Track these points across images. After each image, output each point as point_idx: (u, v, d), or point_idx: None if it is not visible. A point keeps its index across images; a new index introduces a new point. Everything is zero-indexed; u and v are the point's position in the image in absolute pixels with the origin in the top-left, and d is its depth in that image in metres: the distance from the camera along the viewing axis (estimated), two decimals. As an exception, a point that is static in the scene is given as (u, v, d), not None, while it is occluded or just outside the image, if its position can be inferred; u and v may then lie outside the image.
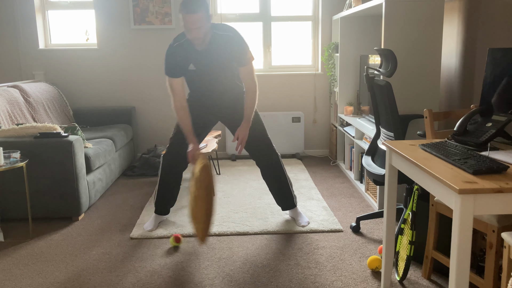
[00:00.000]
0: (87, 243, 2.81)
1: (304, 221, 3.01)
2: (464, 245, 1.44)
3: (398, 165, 1.95)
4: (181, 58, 2.69)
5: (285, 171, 3.03)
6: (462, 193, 1.39)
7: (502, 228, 1.84)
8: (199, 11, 2.45)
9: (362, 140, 3.69)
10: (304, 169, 4.43)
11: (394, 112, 2.40)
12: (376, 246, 2.69)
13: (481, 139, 1.82)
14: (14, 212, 3.12)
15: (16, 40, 4.73)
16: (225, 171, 4.39)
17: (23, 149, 3.01)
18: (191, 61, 2.71)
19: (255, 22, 4.90)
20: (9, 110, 3.49)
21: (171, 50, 2.69)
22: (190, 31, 2.51)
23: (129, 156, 4.54)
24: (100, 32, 4.75)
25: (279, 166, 2.98)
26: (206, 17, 2.50)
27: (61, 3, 4.81)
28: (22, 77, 4.79)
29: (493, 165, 1.52)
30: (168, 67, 2.70)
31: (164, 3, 4.65)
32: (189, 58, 2.70)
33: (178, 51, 2.68)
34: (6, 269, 2.49)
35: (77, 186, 3.12)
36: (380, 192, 3.18)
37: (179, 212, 3.27)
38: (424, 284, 2.26)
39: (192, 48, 2.66)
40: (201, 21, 2.47)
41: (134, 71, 4.82)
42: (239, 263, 2.51)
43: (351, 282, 2.29)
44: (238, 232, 2.91)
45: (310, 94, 4.95)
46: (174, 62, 2.68)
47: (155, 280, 2.34)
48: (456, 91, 3.28)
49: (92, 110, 4.67)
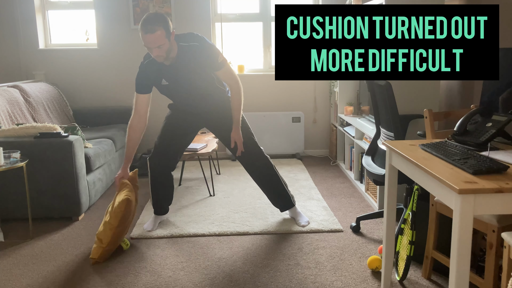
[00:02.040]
0: (87, 243, 2.81)
1: (304, 221, 3.00)
2: (464, 245, 1.43)
3: (398, 165, 1.95)
4: (152, 74, 2.69)
5: (277, 172, 2.99)
6: (462, 193, 1.39)
7: (502, 228, 1.84)
8: (157, 30, 2.42)
9: (362, 140, 3.69)
10: (304, 169, 4.43)
11: (394, 112, 2.40)
12: (376, 246, 2.69)
13: (481, 139, 1.82)
14: (14, 212, 3.12)
15: (16, 40, 4.73)
16: (225, 171, 4.39)
17: (23, 149, 3.01)
18: (163, 77, 2.71)
19: (255, 22, 4.90)
20: (9, 110, 3.49)
21: (141, 67, 2.69)
22: (151, 50, 2.50)
23: (129, 156, 4.53)
24: (100, 32, 4.75)
25: (270, 168, 2.95)
26: (166, 34, 2.47)
27: (61, 3, 4.81)
28: (22, 77, 4.79)
29: (493, 165, 1.52)
30: (137, 83, 2.71)
31: (164, 3, 4.65)
32: (160, 74, 2.70)
33: (148, 68, 2.68)
34: (6, 269, 2.49)
35: (77, 186, 3.12)
36: (380, 192, 3.18)
37: (179, 212, 3.27)
38: (424, 284, 2.26)
39: (162, 63, 2.65)
40: (161, 39, 2.44)
41: (134, 71, 4.82)
42: (239, 263, 2.51)
43: (351, 282, 2.29)
44: (238, 232, 2.91)
45: (310, 94, 4.95)
46: (143, 79, 2.69)
47: (155, 280, 2.34)
48: (456, 91, 3.28)
49: (92, 110, 4.67)
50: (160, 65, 2.66)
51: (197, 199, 3.56)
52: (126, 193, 2.63)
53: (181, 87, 2.75)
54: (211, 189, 3.80)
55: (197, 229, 2.95)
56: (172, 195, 3.07)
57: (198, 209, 3.33)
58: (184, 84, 2.74)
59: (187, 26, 4.72)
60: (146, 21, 2.43)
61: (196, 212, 3.28)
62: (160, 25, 2.43)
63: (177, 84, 2.73)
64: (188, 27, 4.72)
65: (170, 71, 2.68)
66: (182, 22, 4.72)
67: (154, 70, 2.68)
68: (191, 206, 3.40)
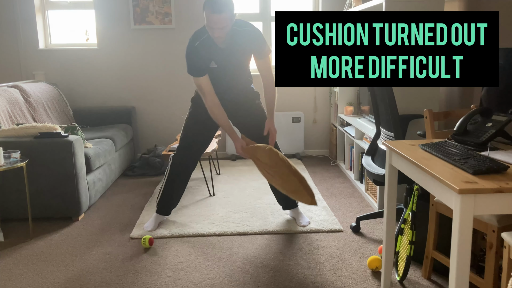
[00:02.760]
0: (87, 243, 2.81)
1: (305, 221, 3.01)
2: (464, 245, 1.43)
3: (398, 165, 1.95)
4: (203, 56, 2.64)
5: None
6: (462, 193, 1.39)
7: (502, 228, 1.84)
8: (225, 11, 2.41)
9: (362, 140, 3.69)
10: (304, 169, 4.43)
11: (394, 112, 2.40)
12: (376, 246, 2.69)
13: (481, 139, 1.82)
14: (14, 212, 3.12)
15: (16, 40, 4.73)
16: (225, 171, 4.39)
17: (23, 149, 3.01)
18: (213, 59, 2.67)
19: (255, 22, 4.90)
20: (9, 110, 3.49)
21: (192, 48, 2.62)
22: (213, 31, 2.49)
23: (129, 156, 4.54)
24: (100, 32, 4.75)
25: None
26: (231, 17, 2.48)
27: (61, 3, 4.81)
28: (22, 77, 4.79)
29: (493, 165, 1.52)
30: (192, 66, 2.63)
31: (164, 3, 4.65)
32: (211, 56, 2.65)
33: (200, 49, 2.62)
34: (6, 269, 2.49)
35: (77, 186, 3.12)
36: (380, 192, 3.18)
37: (179, 212, 3.27)
38: (424, 284, 2.26)
39: (214, 45, 2.63)
40: (226, 21, 2.45)
41: (134, 71, 4.82)
42: (239, 263, 2.51)
43: (351, 282, 2.29)
44: (238, 232, 2.91)
45: (310, 94, 4.95)
46: (197, 61, 2.62)
47: (155, 280, 2.34)
48: (456, 91, 3.28)
49: (92, 110, 4.67)
50: (211, 47, 2.63)
51: (197, 199, 3.57)
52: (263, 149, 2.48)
53: (229, 71, 2.74)
54: (211, 189, 3.80)
55: (197, 229, 2.95)
56: (180, 197, 3.06)
57: (198, 209, 3.33)
58: (232, 69, 2.74)
59: (187, 26, 4.72)
60: (215, 1, 2.41)
61: (196, 212, 3.28)
62: (228, 6, 2.43)
63: (225, 68, 2.72)
64: (188, 27, 4.72)
65: (223, 53, 2.66)
66: (182, 22, 4.72)
67: (205, 52, 2.64)
68: (191, 206, 3.40)
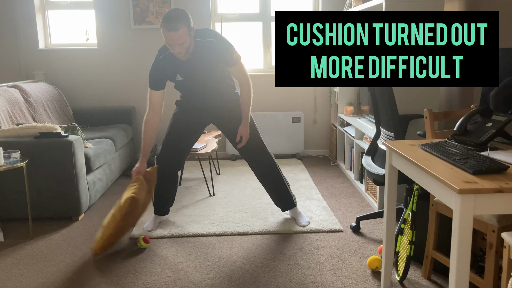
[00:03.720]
0: (87, 243, 2.81)
1: (305, 221, 3.00)
2: (464, 245, 1.44)
3: (398, 165, 1.95)
4: (167, 70, 2.68)
5: (280, 171, 3.00)
6: (462, 193, 1.39)
7: (502, 228, 1.84)
8: (180, 27, 2.42)
9: (362, 140, 3.69)
10: (304, 169, 4.43)
11: (394, 112, 2.40)
12: (376, 246, 2.69)
13: (481, 139, 1.83)
14: (14, 212, 3.12)
15: (16, 40, 4.73)
16: (225, 171, 4.39)
17: (23, 149, 3.01)
18: (178, 72, 2.71)
19: (255, 22, 4.90)
20: (9, 110, 3.49)
21: (156, 62, 2.68)
22: (173, 47, 2.49)
23: (129, 156, 4.54)
24: (100, 32, 4.75)
25: (273, 166, 2.97)
26: (188, 31, 2.47)
27: (61, 3, 4.81)
28: (22, 77, 4.79)
29: (493, 165, 1.52)
30: (151, 79, 2.71)
31: (164, 3, 4.65)
32: (175, 69, 2.69)
33: (164, 64, 2.67)
34: (6, 269, 2.49)
35: (77, 186, 3.12)
36: (380, 192, 3.18)
37: (179, 212, 3.27)
38: (424, 284, 2.26)
39: (177, 59, 2.65)
40: (184, 37, 2.45)
41: (134, 71, 4.82)
42: (239, 263, 2.51)
43: (351, 282, 2.29)
44: (238, 232, 2.91)
45: (310, 94, 4.95)
46: (157, 74, 2.69)
47: (155, 280, 2.34)
48: (456, 91, 3.28)
49: (92, 110, 4.67)
50: (175, 60, 2.66)
51: (197, 199, 3.57)
52: (134, 190, 2.62)
53: (196, 82, 2.75)
54: (211, 189, 3.80)
55: (197, 229, 2.95)
56: (174, 196, 3.07)
57: (198, 209, 3.33)
58: (199, 80, 2.74)
59: (187, 26, 4.72)
60: (169, 19, 2.41)
61: (196, 212, 3.28)
62: (184, 22, 2.43)
63: (192, 79, 2.73)
64: (188, 27, 4.72)
65: (186, 66, 2.68)
66: (182, 22, 4.72)
67: (170, 65, 2.68)
68: (191, 206, 3.40)
